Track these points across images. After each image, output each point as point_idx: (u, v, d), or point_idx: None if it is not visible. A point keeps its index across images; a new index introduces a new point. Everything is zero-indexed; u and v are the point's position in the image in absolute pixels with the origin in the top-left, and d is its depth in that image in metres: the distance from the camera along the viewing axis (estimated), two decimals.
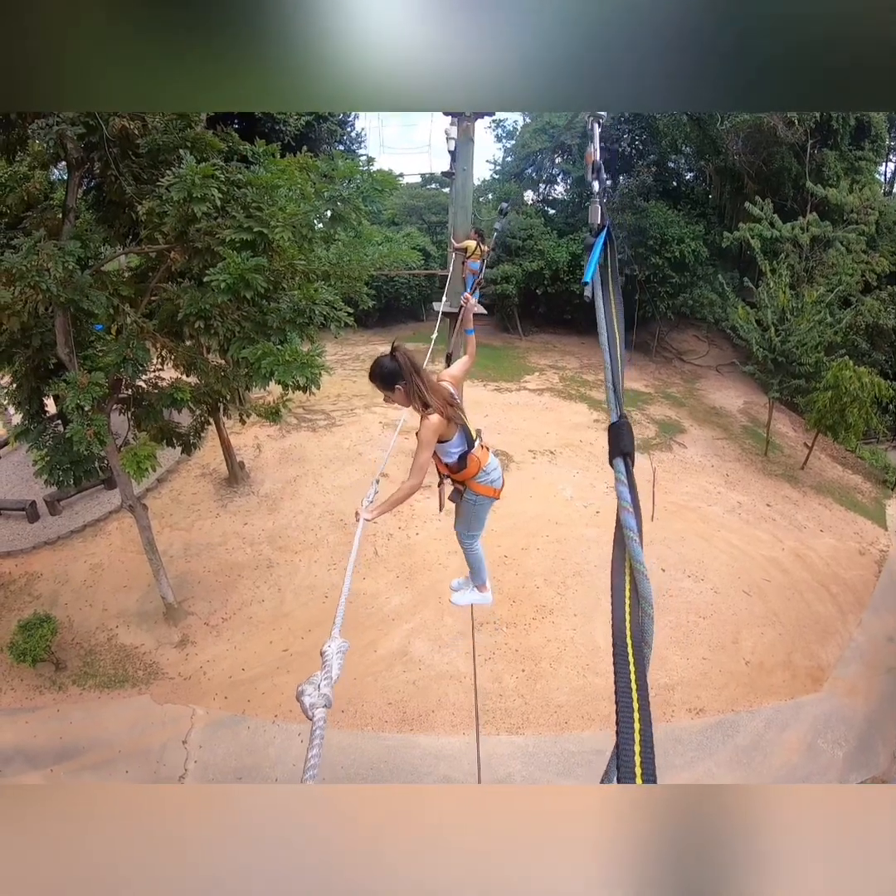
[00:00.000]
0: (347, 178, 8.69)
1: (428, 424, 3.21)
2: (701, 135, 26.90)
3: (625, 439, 1.27)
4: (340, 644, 1.77)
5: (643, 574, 1.05)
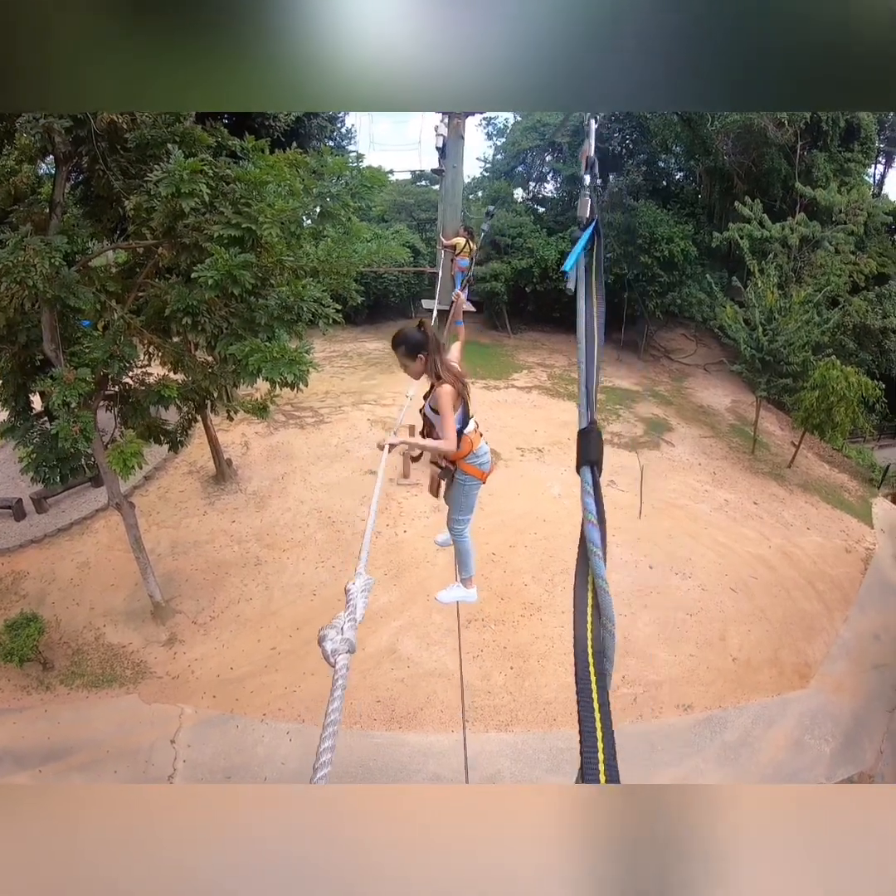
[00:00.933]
0: (336, 174, 8.66)
1: (442, 392, 3.49)
2: (691, 135, 27.02)
3: (593, 447, 1.24)
4: (366, 581, 1.67)
5: (605, 591, 1.04)
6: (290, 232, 8.08)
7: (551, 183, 32.25)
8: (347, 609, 1.54)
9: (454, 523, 4.35)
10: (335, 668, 1.33)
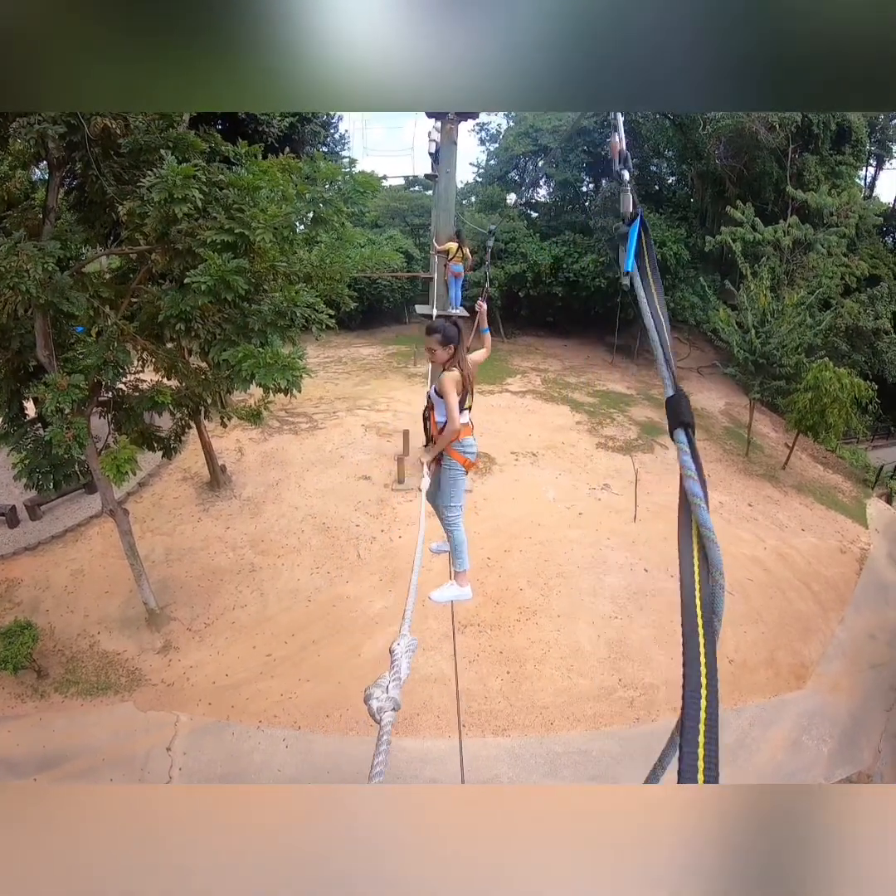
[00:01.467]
0: (329, 179, 8.68)
1: (446, 376, 3.97)
2: (683, 139, 27.22)
3: (684, 411, 1.25)
4: (409, 642, 1.74)
5: (713, 541, 1.01)
6: (284, 237, 8.09)
7: (544, 188, 32.41)
8: (392, 669, 1.62)
9: (447, 511, 4.61)
10: (380, 726, 1.37)
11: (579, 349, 27.70)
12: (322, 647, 10.64)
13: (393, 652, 1.69)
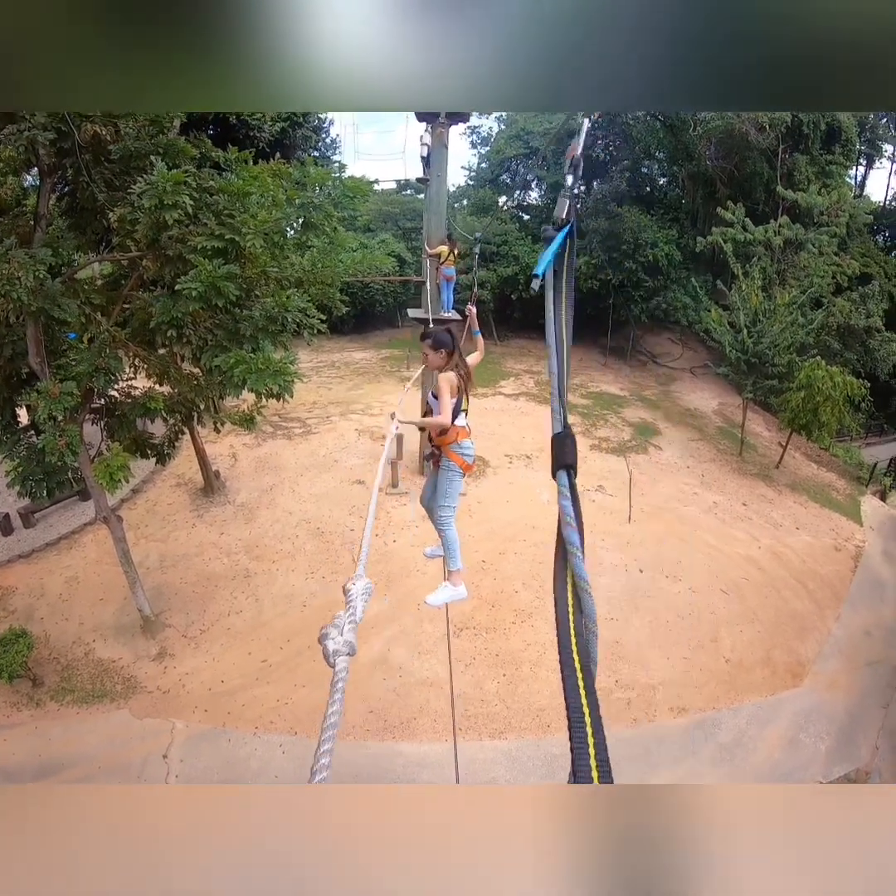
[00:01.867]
0: (319, 184, 8.69)
1: (441, 378, 4.03)
2: (674, 140, 27.36)
3: (568, 451, 1.24)
4: (366, 584, 1.67)
5: (587, 591, 1.04)
6: (274, 243, 8.10)
7: (535, 190, 32.54)
8: (348, 610, 1.53)
9: (439, 511, 4.55)
10: (335, 670, 1.31)
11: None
12: (317, 652, 10.38)
13: (348, 592, 1.60)
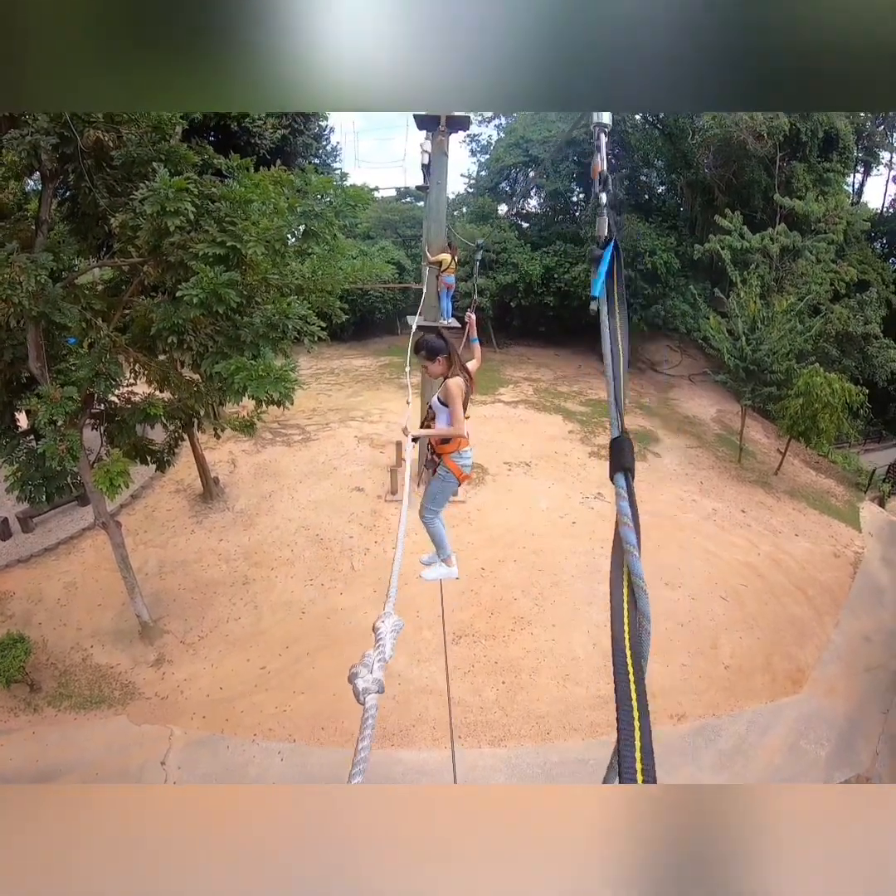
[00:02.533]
0: (320, 192, 8.73)
1: (452, 383, 3.97)
2: (672, 149, 27.49)
3: (626, 454, 1.28)
4: (395, 622, 1.65)
5: (642, 589, 1.05)
6: (275, 250, 8.13)
7: (534, 198, 32.63)
8: (377, 648, 1.54)
9: (426, 511, 4.72)
10: (365, 708, 1.32)
11: (571, 358, 27.78)
12: (316, 659, 10.58)
13: (377, 630, 1.60)
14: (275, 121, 21.09)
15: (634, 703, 0.87)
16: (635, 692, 0.89)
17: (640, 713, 0.86)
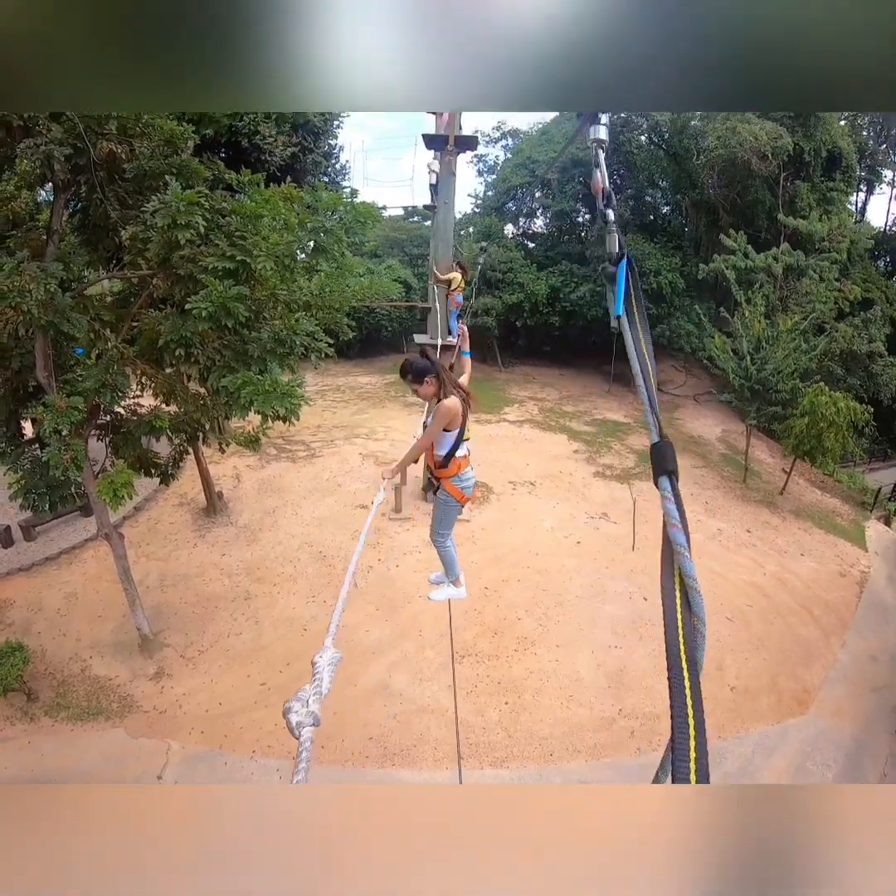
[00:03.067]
0: (331, 209, 8.80)
1: (441, 406, 3.86)
2: (677, 169, 27.74)
3: (668, 458, 1.27)
4: (333, 655, 1.67)
5: (696, 590, 1.04)
6: (284, 265, 8.15)
7: (541, 218, 32.88)
8: (314, 682, 1.53)
9: (435, 535, 4.63)
10: (300, 741, 1.30)
11: (576, 378, 27.85)
12: None
13: (315, 664, 1.62)
14: (285, 138, 21.36)
15: (690, 707, 0.88)
16: (691, 698, 0.89)
17: (696, 718, 0.86)
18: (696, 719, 0.86)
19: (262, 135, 20.47)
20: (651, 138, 28.89)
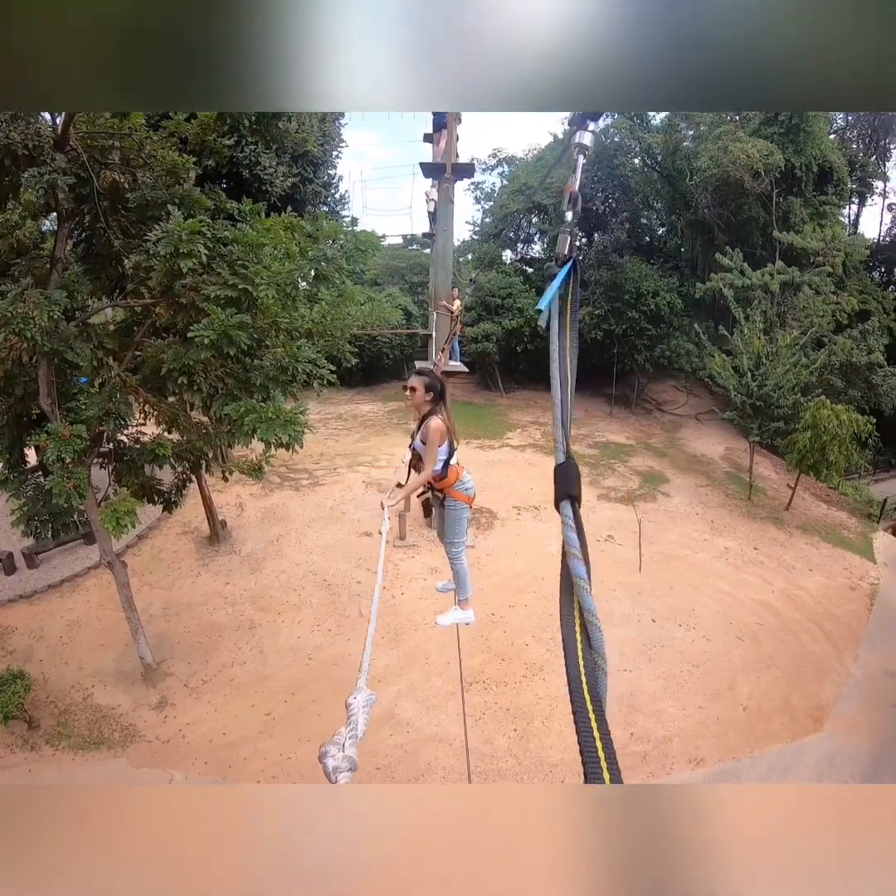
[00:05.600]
0: (332, 238, 8.90)
1: (433, 425, 4.08)
2: (671, 190, 28.11)
3: (571, 481, 1.22)
4: (367, 696, 1.61)
5: (595, 626, 1.01)
6: (286, 294, 8.21)
7: (538, 244, 33.24)
8: (349, 725, 1.49)
9: (451, 547, 4.72)
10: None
11: (578, 401, 27.69)
12: (323, 706, 10.31)
13: (349, 706, 1.56)
14: (285, 169, 21.70)
15: (592, 716, 0.88)
16: (593, 711, 0.88)
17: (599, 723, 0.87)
18: (600, 728, 0.86)
19: (263, 165, 20.82)
20: (644, 161, 29.32)
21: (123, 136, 7.97)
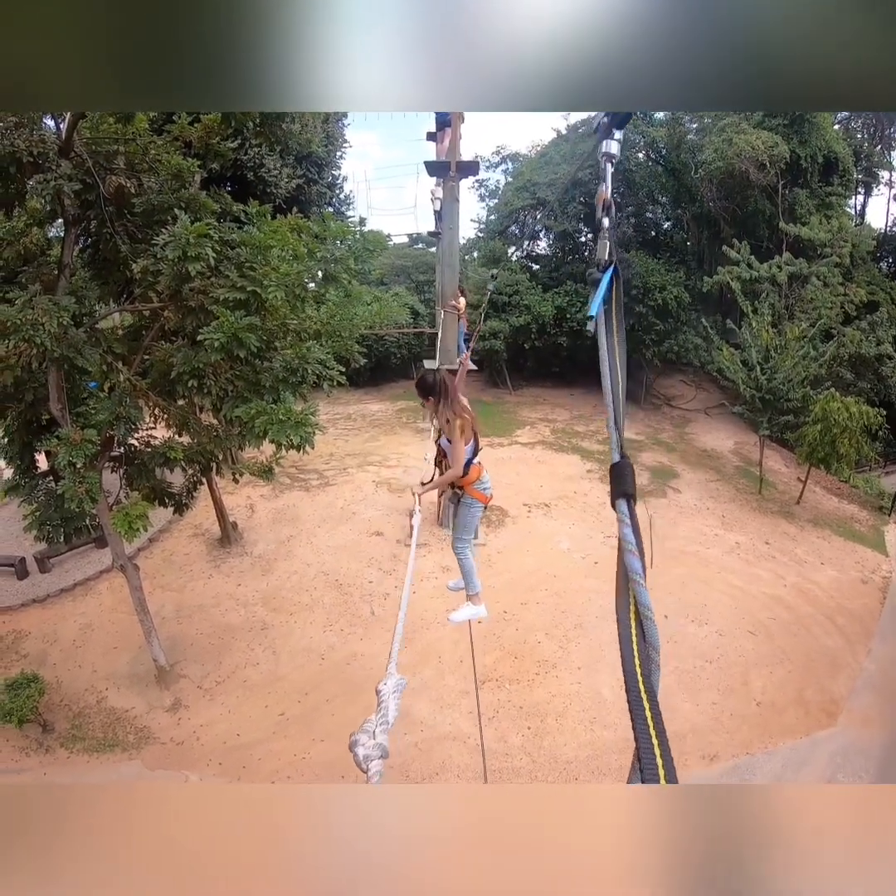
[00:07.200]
0: (339, 238, 8.90)
1: (455, 425, 4.25)
2: (676, 184, 27.92)
3: (627, 480, 1.23)
4: (398, 681, 1.60)
5: (650, 620, 1.02)
6: (294, 295, 8.21)
7: (544, 240, 33.08)
8: (379, 712, 1.46)
9: (457, 542, 4.83)
10: (368, 776, 1.26)
11: (586, 398, 27.78)
12: (336, 706, 10.35)
13: (380, 693, 1.53)
14: (289, 170, 21.72)
15: (648, 713, 0.89)
16: (648, 705, 0.90)
17: (655, 721, 0.88)
18: (656, 726, 0.88)
19: (267, 167, 20.85)
20: (649, 155, 29.15)
21: (128, 140, 7.99)
